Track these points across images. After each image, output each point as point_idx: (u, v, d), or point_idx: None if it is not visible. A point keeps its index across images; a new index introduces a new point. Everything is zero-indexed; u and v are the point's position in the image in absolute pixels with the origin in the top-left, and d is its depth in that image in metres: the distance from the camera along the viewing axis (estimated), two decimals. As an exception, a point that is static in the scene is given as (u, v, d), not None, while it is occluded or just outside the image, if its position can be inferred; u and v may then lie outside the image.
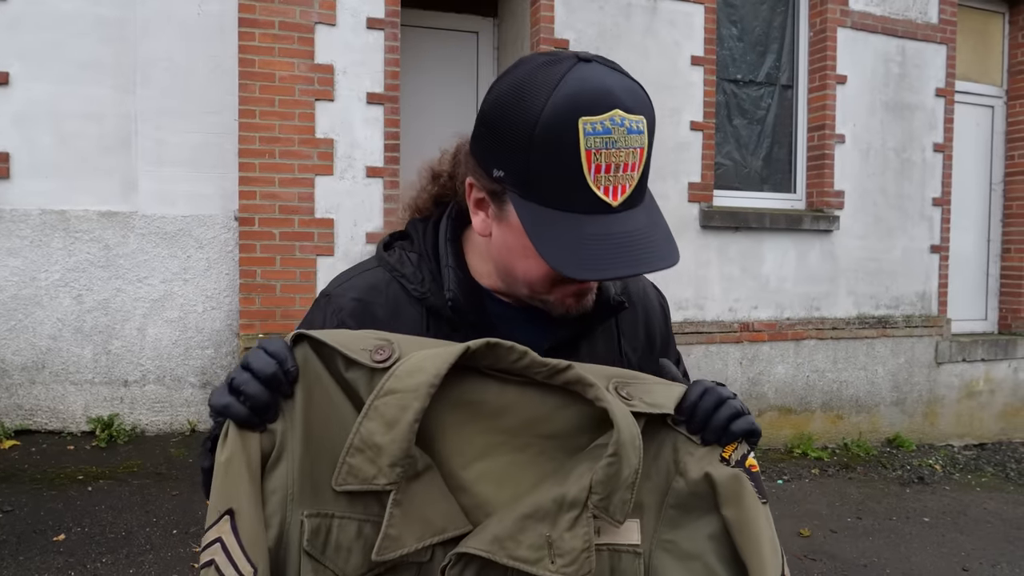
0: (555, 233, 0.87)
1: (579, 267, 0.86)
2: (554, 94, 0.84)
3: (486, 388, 0.88)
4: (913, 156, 6.42)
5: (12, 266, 4.55)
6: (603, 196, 0.86)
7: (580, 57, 0.87)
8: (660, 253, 0.89)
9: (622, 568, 0.89)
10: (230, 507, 0.81)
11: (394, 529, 0.81)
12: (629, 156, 0.86)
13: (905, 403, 6.44)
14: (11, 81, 4.50)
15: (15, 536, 3.57)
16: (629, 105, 0.85)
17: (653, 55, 5.52)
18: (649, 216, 0.91)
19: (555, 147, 0.84)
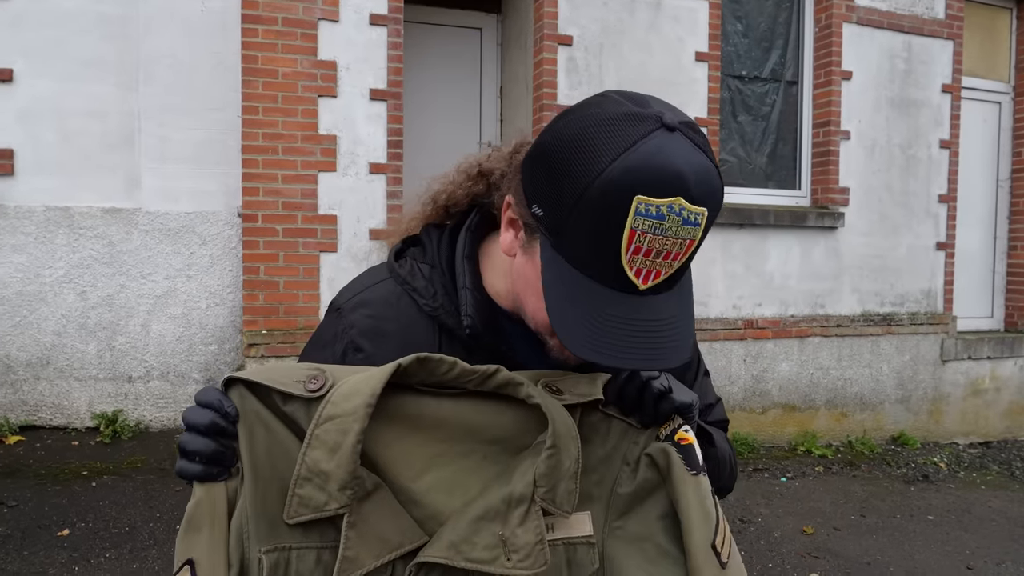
0: (572, 300, 0.84)
1: (588, 347, 0.82)
2: (619, 160, 0.77)
3: (422, 404, 0.89)
4: (919, 153, 6.38)
5: (17, 262, 4.57)
6: (632, 277, 0.81)
7: (664, 122, 0.79)
8: (679, 348, 0.85)
9: (578, 560, 0.90)
10: (190, 558, 0.82)
11: (351, 551, 0.83)
12: (676, 246, 0.80)
13: (910, 401, 6.41)
14: (15, 78, 4.52)
15: (20, 531, 3.59)
16: (695, 195, 0.78)
17: (657, 51, 5.51)
18: (678, 304, 0.86)
19: (601, 215, 0.79)
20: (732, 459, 1.15)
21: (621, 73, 5.41)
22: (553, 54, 5.22)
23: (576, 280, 0.83)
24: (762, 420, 5.89)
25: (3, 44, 4.50)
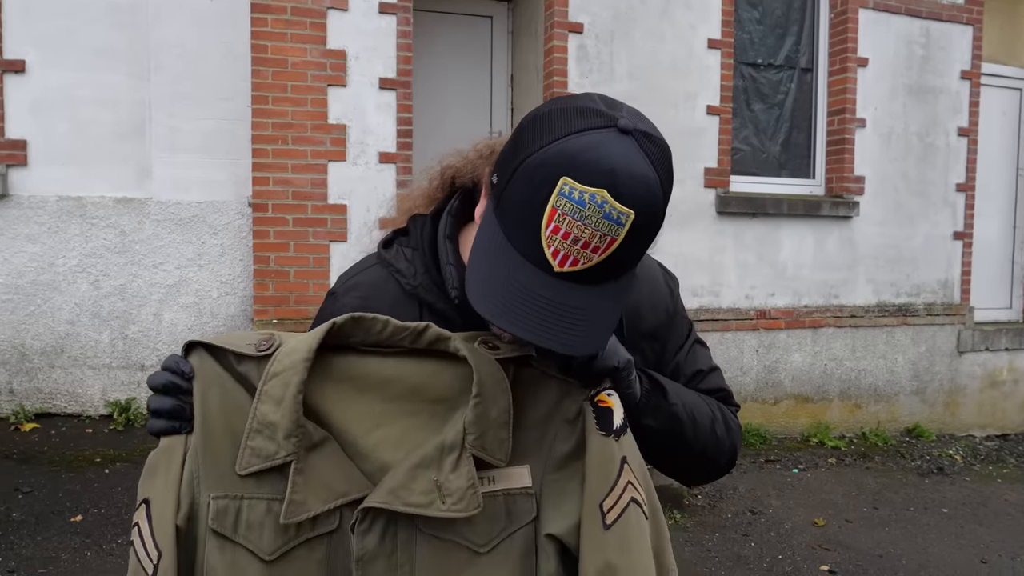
0: (491, 259, 0.89)
1: (485, 303, 0.88)
2: (560, 141, 0.83)
3: (366, 363, 0.95)
4: (936, 141, 6.29)
5: (31, 252, 4.61)
6: (549, 256, 0.85)
7: (619, 125, 0.83)
8: (573, 339, 0.87)
9: (517, 508, 0.95)
10: (146, 497, 0.91)
11: (298, 495, 0.89)
12: (595, 237, 0.83)
13: (925, 392, 6.35)
14: (27, 69, 4.55)
15: (34, 516, 3.64)
16: (624, 194, 0.81)
17: (668, 38, 5.45)
18: (594, 301, 0.88)
19: (531, 187, 0.84)
20: (709, 421, 1.14)
21: (632, 61, 5.37)
22: (564, 42, 5.18)
23: (501, 245, 0.88)
24: (774, 411, 5.85)
25: (16, 35, 4.52)
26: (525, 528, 0.96)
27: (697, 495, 4.66)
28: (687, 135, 5.52)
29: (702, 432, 1.13)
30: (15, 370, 4.62)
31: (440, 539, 0.93)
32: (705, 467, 1.19)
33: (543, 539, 0.96)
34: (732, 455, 1.19)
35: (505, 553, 0.95)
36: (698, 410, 1.13)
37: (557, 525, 0.96)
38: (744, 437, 5.64)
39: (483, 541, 0.94)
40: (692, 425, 1.11)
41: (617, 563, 0.92)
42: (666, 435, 1.09)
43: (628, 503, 0.95)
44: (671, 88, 5.48)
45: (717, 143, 5.61)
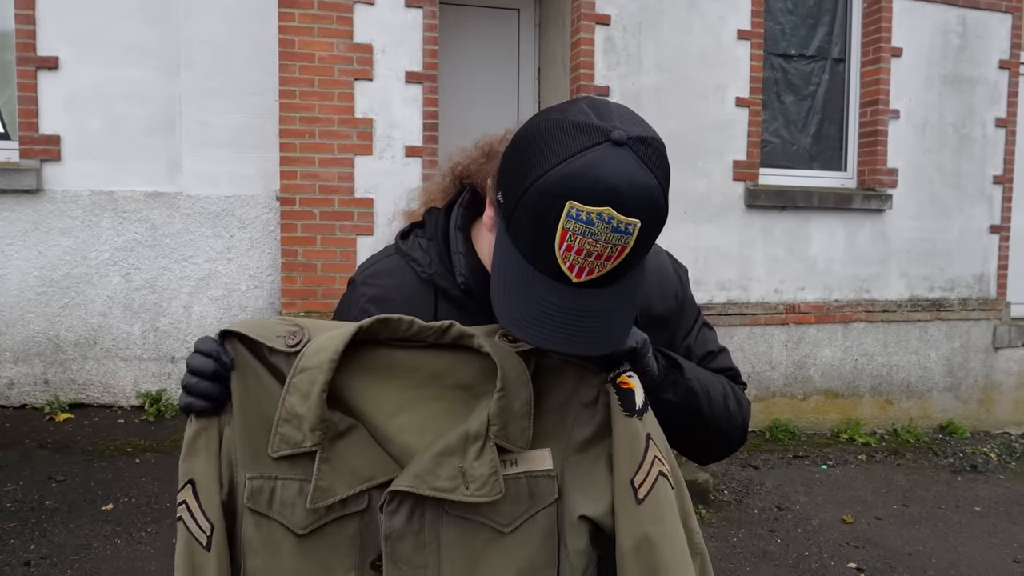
0: (510, 275, 0.95)
1: (511, 320, 0.93)
2: (560, 166, 0.87)
3: (392, 354, 1.00)
4: (973, 132, 6.15)
5: (65, 245, 4.70)
6: (566, 271, 0.90)
7: (612, 137, 0.87)
8: (598, 340, 0.93)
9: (539, 490, 1.01)
10: (191, 478, 0.98)
11: (324, 481, 0.96)
12: (605, 249, 0.88)
13: (959, 389, 6.23)
14: (61, 65, 4.62)
15: (67, 504, 3.72)
16: (627, 207, 0.86)
17: (697, 30, 5.39)
18: (610, 302, 0.94)
19: (539, 213, 0.88)
20: (722, 397, 1.19)
21: (660, 52, 5.32)
22: (591, 34, 5.15)
23: (520, 265, 0.94)
24: (803, 406, 5.78)
25: (49, 32, 4.60)
26: (547, 509, 1.01)
27: (724, 490, 4.62)
28: (716, 127, 5.46)
29: (717, 407, 1.17)
30: (50, 361, 4.71)
31: (466, 519, 0.99)
32: (720, 442, 1.23)
33: (576, 520, 1.01)
34: (743, 431, 1.24)
35: (528, 533, 1.01)
36: (712, 386, 1.18)
37: (591, 508, 1.01)
38: (772, 432, 5.59)
39: (507, 521, 1.00)
40: (708, 400, 1.15)
41: (652, 534, 0.97)
42: (685, 410, 1.13)
43: (657, 477, 1.00)
44: (699, 80, 5.42)
45: (746, 135, 5.54)
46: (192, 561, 0.97)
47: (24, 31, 4.56)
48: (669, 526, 0.99)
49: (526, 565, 1.01)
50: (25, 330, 4.68)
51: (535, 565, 1.01)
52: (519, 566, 1.01)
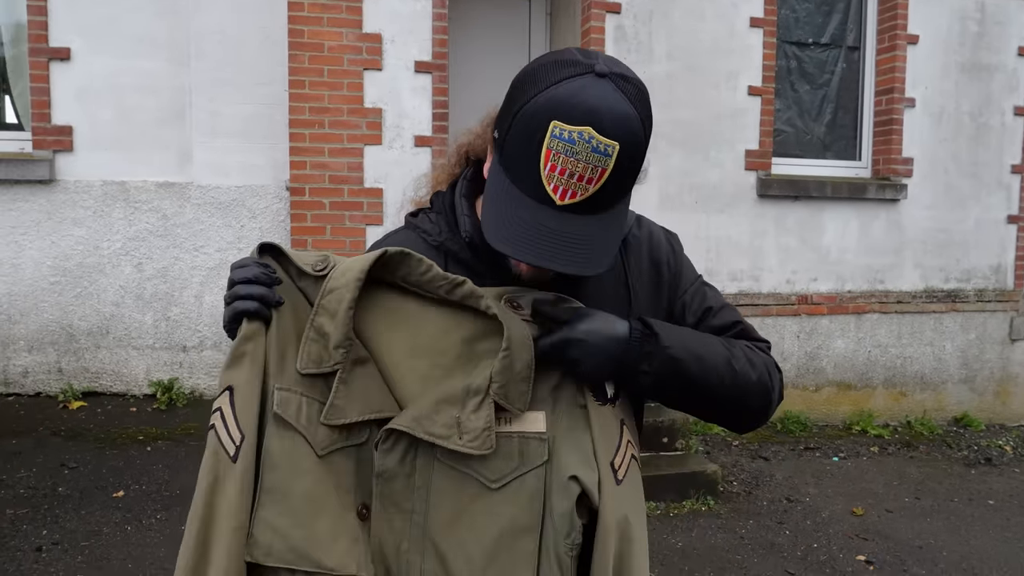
0: (500, 202, 1.00)
1: (497, 237, 0.99)
2: (547, 91, 0.95)
3: (406, 301, 1.06)
4: (991, 120, 6.06)
5: (77, 235, 4.74)
6: (550, 192, 0.96)
7: (596, 70, 0.95)
8: (579, 260, 0.98)
9: (529, 451, 1.05)
10: (230, 385, 0.99)
11: (340, 401, 1.00)
12: (587, 170, 0.94)
13: (975, 381, 6.16)
14: (72, 56, 4.65)
15: (78, 491, 3.76)
16: (607, 129, 0.93)
17: (709, 17, 5.34)
18: (594, 228, 0.99)
19: (527, 135, 0.96)
20: (723, 358, 1.13)
21: (671, 41, 5.28)
22: (601, 23, 5.12)
23: (509, 189, 1.00)
24: (815, 398, 5.74)
25: (61, 23, 4.63)
26: (536, 471, 1.05)
27: (732, 481, 4.61)
28: (728, 116, 5.42)
29: (713, 370, 1.11)
30: (63, 350, 4.76)
31: (456, 470, 1.03)
32: (736, 408, 1.17)
33: (565, 480, 1.04)
34: (764, 390, 1.17)
35: (515, 492, 1.04)
36: (706, 348, 1.13)
37: (583, 473, 1.04)
38: (784, 424, 5.55)
39: (495, 478, 1.04)
40: (699, 364, 1.10)
41: (629, 513, 1.04)
42: (669, 378, 1.09)
43: (630, 460, 1.08)
44: (711, 68, 5.37)
45: (759, 124, 5.49)
46: (216, 472, 0.96)
47: (36, 22, 4.59)
48: (639, 504, 1.08)
49: (509, 524, 1.04)
50: (39, 319, 4.73)
51: (518, 525, 1.04)
52: (502, 525, 1.04)
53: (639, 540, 1.05)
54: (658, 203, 5.24)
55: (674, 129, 5.29)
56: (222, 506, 0.96)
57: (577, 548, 1.05)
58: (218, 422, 0.97)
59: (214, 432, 0.97)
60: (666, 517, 4.08)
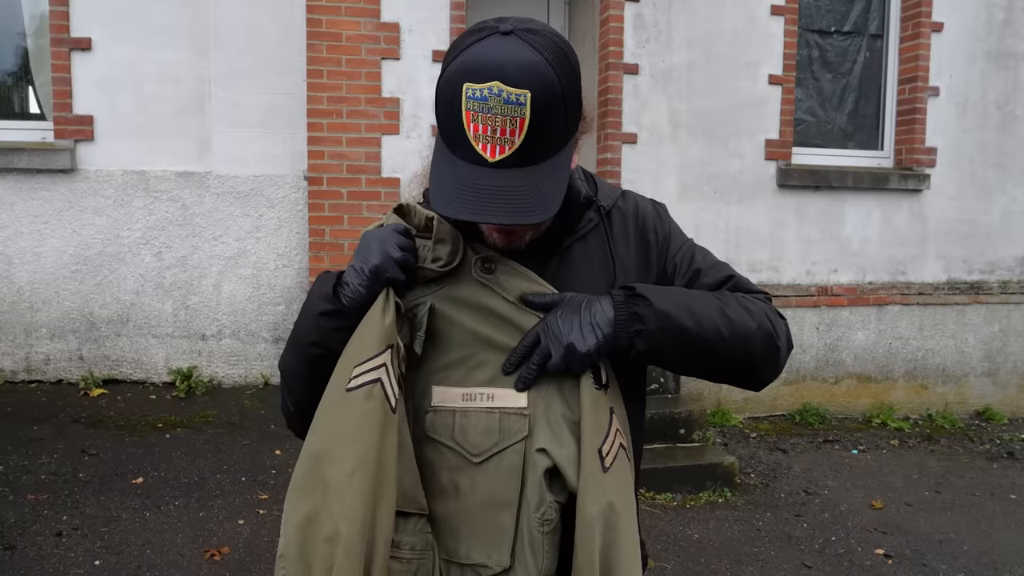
0: (441, 170, 1.04)
1: (438, 199, 1.02)
2: (456, 58, 1.00)
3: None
4: (1017, 110, 5.95)
5: (98, 224, 4.78)
6: (481, 152, 0.99)
7: (500, 30, 0.99)
8: (519, 210, 1.01)
9: (508, 425, 1.10)
10: (392, 343, 1.06)
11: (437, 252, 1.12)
12: (506, 122, 0.97)
13: (998, 374, 6.07)
14: (93, 46, 4.68)
15: (98, 478, 3.80)
16: (513, 79, 0.96)
17: (729, 5, 5.28)
18: (531, 179, 1.02)
19: (447, 103, 1.00)
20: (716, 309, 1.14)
21: (691, 29, 5.22)
22: (620, 11, 5.08)
23: (448, 159, 1.04)
24: (835, 390, 5.69)
25: (82, 13, 4.66)
26: (515, 446, 1.10)
27: (750, 473, 4.58)
28: (747, 106, 5.36)
29: (707, 319, 1.12)
30: (84, 338, 4.81)
31: (442, 444, 1.11)
32: (740, 357, 1.16)
33: (535, 453, 1.09)
34: (767, 336, 1.17)
35: (495, 466, 1.10)
36: (696, 301, 1.14)
37: (554, 448, 1.08)
38: (802, 416, 5.51)
39: (477, 452, 1.10)
40: (691, 316, 1.11)
41: (616, 501, 1.04)
42: (664, 335, 1.10)
43: (619, 448, 1.08)
44: (731, 57, 5.32)
45: (779, 114, 5.43)
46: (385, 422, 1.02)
47: (58, 12, 4.62)
48: (627, 495, 1.07)
49: (489, 498, 1.09)
50: (60, 307, 4.78)
51: (497, 500, 1.09)
52: (482, 498, 1.10)
53: (627, 531, 1.04)
54: (677, 193, 5.20)
55: (693, 118, 5.24)
56: (389, 454, 1.03)
57: (549, 525, 1.08)
58: (384, 376, 1.03)
59: (380, 385, 1.03)
60: (683, 509, 4.07)
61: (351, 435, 1.01)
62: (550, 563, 1.08)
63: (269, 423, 4.50)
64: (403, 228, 1.13)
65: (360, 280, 1.08)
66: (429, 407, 1.13)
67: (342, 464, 1.00)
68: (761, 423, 5.44)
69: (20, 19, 4.89)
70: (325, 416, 1.05)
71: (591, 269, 1.19)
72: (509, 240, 1.12)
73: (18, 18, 4.89)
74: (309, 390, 1.12)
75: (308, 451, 1.04)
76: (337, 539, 0.97)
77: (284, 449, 4.21)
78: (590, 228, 1.21)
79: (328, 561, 0.97)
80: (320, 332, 1.11)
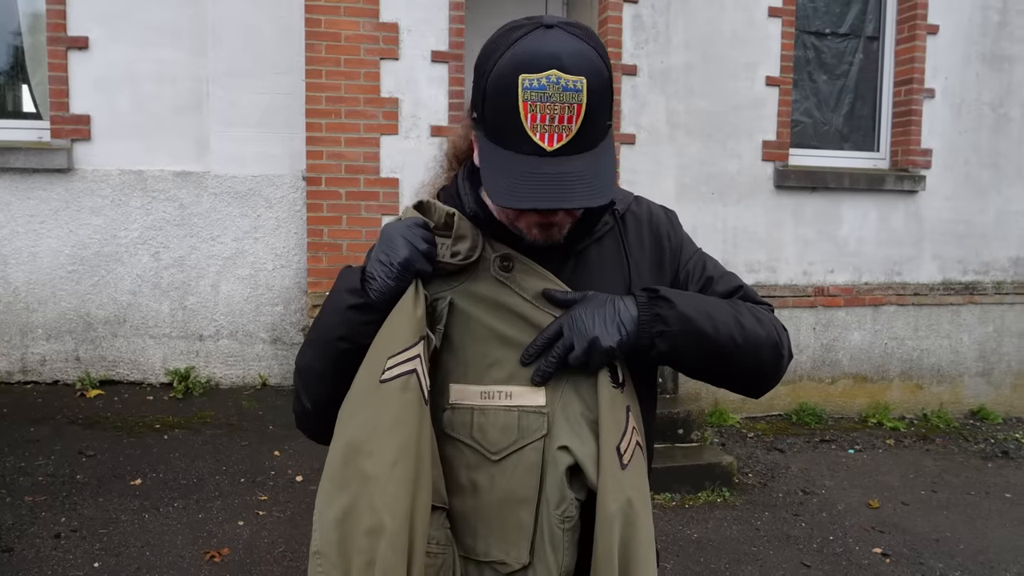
0: (496, 166, 1.04)
1: (504, 195, 1.02)
2: (505, 53, 1.00)
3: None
4: (1011, 111, 5.99)
5: (95, 224, 4.76)
6: (539, 141, 1.00)
7: (544, 23, 1.01)
8: (583, 195, 1.01)
9: (528, 424, 1.11)
10: (424, 335, 1.07)
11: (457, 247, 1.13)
12: (564, 109, 0.99)
13: (992, 374, 6.11)
14: (91, 45, 4.66)
15: (96, 479, 3.79)
16: (568, 67, 0.98)
17: (728, 7, 5.30)
18: (589, 164, 1.03)
19: (501, 97, 1.00)
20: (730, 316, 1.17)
21: (689, 30, 5.24)
22: (618, 12, 5.09)
23: (501, 153, 1.04)
24: (831, 390, 5.71)
25: (79, 12, 4.64)
26: (534, 443, 1.11)
27: (748, 473, 4.59)
28: (745, 107, 5.38)
29: (724, 326, 1.15)
30: (81, 338, 4.79)
31: (460, 441, 1.12)
32: (750, 364, 1.20)
33: (557, 451, 1.09)
34: (774, 346, 1.21)
35: (514, 464, 1.10)
36: (713, 308, 1.17)
37: (576, 445, 1.09)
38: (799, 416, 5.53)
39: (495, 450, 1.11)
40: (710, 321, 1.14)
41: (634, 498, 1.06)
42: (685, 337, 1.13)
43: (635, 446, 1.10)
44: (729, 58, 5.33)
45: (776, 115, 5.45)
46: (421, 412, 1.03)
47: (55, 11, 4.60)
48: (644, 491, 1.09)
49: (507, 495, 1.10)
50: (57, 308, 4.76)
51: (516, 497, 1.10)
52: (501, 495, 1.10)
53: (644, 527, 1.06)
54: (675, 193, 5.21)
55: (691, 119, 5.26)
56: (426, 446, 1.03)
57: (570, 522, 1.09)
58: (419, 367, 1.04)
59: (415, 376, 1.03)
60: (681, 508, 4.08)
61: (391, 425, 1.01)
62: (570, 560, 1.09)
63: (267, 424, 4.49)
64: (423, 222, 1.13)
65: (388, 273, 1.09)
66: (447, 404, 1.13)
67: (382, 455, 1.00)
68: (758, 423, 5.46)
69: (16, 17, 4.87)
70: (358, 407, 1.05)
71: (606, 271, 1.21)
72: (549, 234, 1.12)
73: (14, 16, 4.86)
74: (330, 387, 1.12)
75: (342, 443, 1.03)
76: (381, 532, 0.97)
77: (283, 450, 4.20)
78: (605, 231, 1.23)
79: (369, 554, 0.96)
80: (349, 326, 1.11)
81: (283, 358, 5.00)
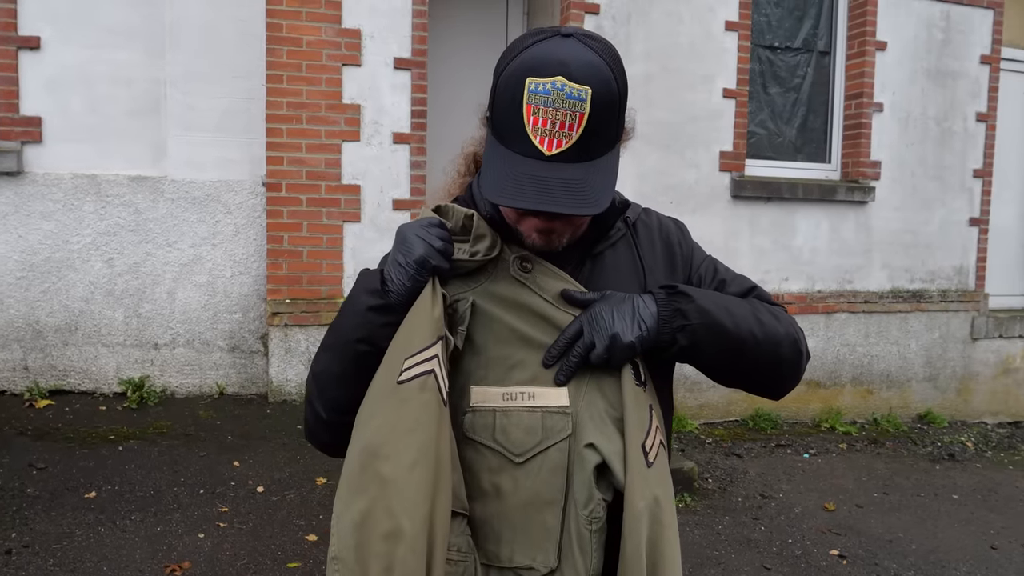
0: (495, 163, 1.06)
1: (493, 189, 1.04)
2: (517, 56, 1.03)
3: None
4: (954, 126, 6.23)
5: (45, 229, 4.62)
6: (538, 145, 1.02)
7: (562, 32, 1.03)
8: (571, 202, 1.03)
9: (551, 424, 1.10)
10: (442, 335, 1.06)
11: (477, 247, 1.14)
12: (566, 116, 1.00)
13: (938, 379, 6.32)
14: (43, 45, 4.53)
15: (48, 492, 3.67)
16: (576, 75, 1.00)
17: (686, 20, 5.40)
18: (584, 173, 1.04)
19: (508, 97, 1.03)
20: (749, 312, 1.19)
21: (649, 42, 5.32)
22: (579, 23, 5.14)
23: (503, 152, 1.06)
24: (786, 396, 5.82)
25: (31, 11, 4.51)
26: (559, 444, 1.10)
27: (708, 478, 4.66)
28: (703, 118, 5.48)
29: (744, 321, 1.17)
30: (29, 347, 4.64)
31: (482, 444, 1.10)
32: (772, 361, 1.21)
33: (583, 449, 1.09)
34: (794, 343, 1.23)
35: (539, 465, 1.09)
36: (732, 303, 1.19)
37: (602, 442, 1.09)
38: (755, 421, 5.64)
39: (519, 452, 1.09)
40: (730, 316, 1.16)
41: (660, 495, 1.06)
42: (706, 332, 1.14)
43: (659, 444, 1.11)
44: (688, 70, 5.43)
45: (733, 126, 5.57)
46: (440, 413, 1.02)
47: (5, 10, 4.46)
48: (669, 490, 1.09)
49: (532, 498, 1.09)
50: (4, 315, 4.60)
51: (541, 499, 1.09)
52: (525, 498, 1.09)
53: (670, 525, 1.07)
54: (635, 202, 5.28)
55: (651, 130, 5.33)
56: (445, 448, 1.02)
57: (598, 523, 1.08)
58: (437, 368, 1.03)
59: (433, 377, 1.02)
60: (644, 514, 4.12)
61: (409, 427, 1.00)
62: (598, 562, 1.08)
63: (226, 434, 4.41)
64: (438, 221, 1.13)
65: (405, 273, 1.09)
66: (468, 407, 1.12)
67: (400, 457, 0.98)
68: (716, 429, 5.55)
69: (-38, 16, 4.71)
70: (375, 410, 1.03)
71: (622, 275, 1.22)
72: (548, 241, 1.13)
73: (-40, 15, 4.71)
74: (348, 391, 1.10)
75: (360, 446, 1.01)
76: (399, 536, 0.95)
77: (242, 460, 4.13)
78: (619, 237, 1.25)
79: (387, 559, 0.94)
80: (368, 328, 1.10)
81: (241, 367, 4.92)
